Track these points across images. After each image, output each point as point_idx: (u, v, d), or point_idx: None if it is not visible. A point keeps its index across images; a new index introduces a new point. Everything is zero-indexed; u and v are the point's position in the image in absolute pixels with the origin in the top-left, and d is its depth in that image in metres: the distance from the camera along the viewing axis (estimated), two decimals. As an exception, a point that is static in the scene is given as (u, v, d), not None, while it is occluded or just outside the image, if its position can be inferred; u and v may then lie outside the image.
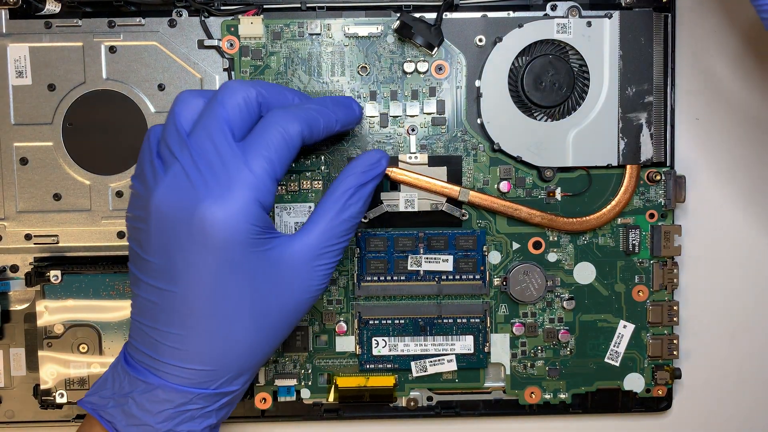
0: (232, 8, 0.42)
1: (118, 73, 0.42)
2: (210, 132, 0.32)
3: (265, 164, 0.32)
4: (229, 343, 0.33)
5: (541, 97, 0.41)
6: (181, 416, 0.34)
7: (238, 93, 0.34)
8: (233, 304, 0.33)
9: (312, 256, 0.35)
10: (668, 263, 0.43)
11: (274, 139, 0.33)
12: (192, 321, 0.33)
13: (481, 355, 0.43)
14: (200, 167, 0.32)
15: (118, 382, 0.35)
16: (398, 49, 0.42)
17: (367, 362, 0.43)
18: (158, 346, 0.33)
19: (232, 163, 0.32)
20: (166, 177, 0.32)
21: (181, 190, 0.32)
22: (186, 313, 0.33)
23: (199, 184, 0.32)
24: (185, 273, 0.32)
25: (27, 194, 0.42)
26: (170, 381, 0.33)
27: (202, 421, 0.34)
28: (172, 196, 0.32)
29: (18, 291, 0.43)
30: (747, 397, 0.46)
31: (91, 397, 0.35)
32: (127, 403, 0.34)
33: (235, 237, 0.32)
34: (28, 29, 0.41)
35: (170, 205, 0.32)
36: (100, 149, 0.42)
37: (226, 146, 0.32)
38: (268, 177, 0.32)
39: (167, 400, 0.33)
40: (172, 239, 0.32)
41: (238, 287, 0.33)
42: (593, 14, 0.42)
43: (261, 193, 0.32)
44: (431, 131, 0.43)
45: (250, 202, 0.32)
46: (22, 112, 0.42)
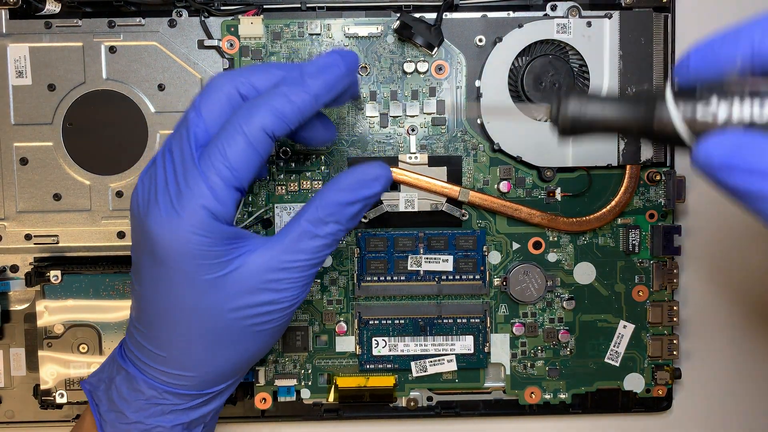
0: (232, 8, 0.42)
1: (118, 73, 0.42)
2: (178, 138, 0.32)
3: (220, 173, 0.30)
4: (191, 353, 0.33)
5: (541, 97, 0.41)
6: (151, 408, 0.34)
7: (218, 90, 0.32)
8: (187, 316, 0.32)
9: (271, 269, 0.32)
10: (668, 263, 0.43)
11: (232, 143, 0.30)
12: (155, 326, 0.33)
13: (481, 355, 0.43)
14: (159, 176, 0.31)
15: (111, 367, 0.36)
16: (398, 49, 0.42)
17: (367, 362, 0.43)
18: (137, 343, 0.34)
19: (189, 174, 0.30)
20: (142, 176, 0.33)
21: (143, 196, 0.32)
22: (150, 318, 0.33)
23: (153, 194, 0.31)
24: (144, 279, 0.32)
25: (27, 194, 0.42)
26: (142, 373, 0.34)
27: (172, 418, 0.34)
28: (138, 199, 0.32)
29: (18, 291, 0.43)
30: (747, 397, 0.46)
31: (92, 378, 0.36)
32: (111, 389, 0.34)
33: (183, 251, 0.30)
34: (28, 29, 0.41)
35: (134, 207, 0.32)
36: (100, 149, 0.42)
37: (188, 155, 0.31)
38: (225, 186, 0.30)
39: (140, 391, 0.34)
40: (135, 243, 0.33)
41: (191, 299, 0.32)
42: (593, 14, 0.42)
43: (216, 204, 0.30)
44: (431, 131, 0.43)
45: (200, 215, 0.30)
46: (22, 112, 0.42)
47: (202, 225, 0.30)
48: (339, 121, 0.42)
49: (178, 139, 0.32)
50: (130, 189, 0.42)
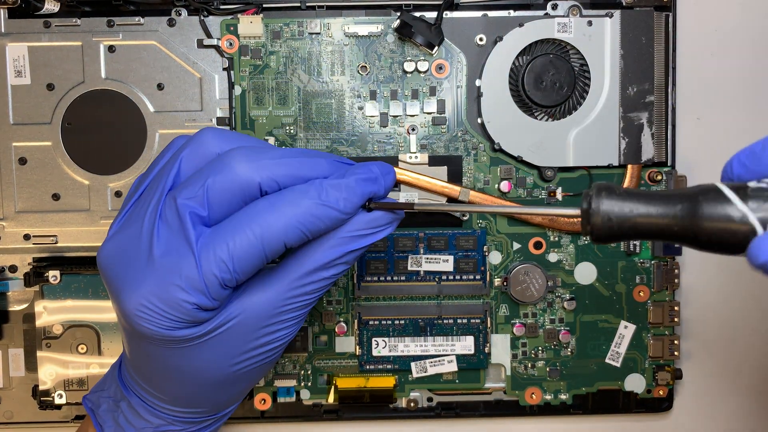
0: (231, 7, 0.42)
1: (117, 73, 0.42)
2: (174, 211, 0.28)
3: (221, 274, 0.27)
4: (195, 399, 0.32)
5: (541, 97, 0.41)
6: None
7: (234, 178, 0.27)
8: (186, 377, 0.31)
9: (270, 315, 0.30)
10: (669, 264, 0.43)
11: (245, 246, 0.27)
12: (154, 382, 0.32)
13: (481, 356, 0.43)
14: (143, 244, 0.28)
15: (113, 387, 0.35)
16: (398, 49, 0.42)
17: (367, 363, 0.43)
18: (133, 378, 0.33)
19: (185, 262, 0.27)
20: (120, 234, 0.29)
21: (120, 260, 0.28)
22: (148, 375, 0.32)
23: (132, 267, 0.28)
24: (131, 348, 0.31)
25: (26, 194, 0.42)
26: (147, 404, 0.33)
27: None
28: (111, 265, 0.29)
29: (17, 291, 0.43)
30: (748, 398, 0.46)
31: (93, 395, 0.36)
32: (117, 412, 0.34)
33: (167, 337, 0.28)
34: (26, 29, 0.41)
35: (108, 269, 0.29)
36: (99, 149, 0.42)
37: (183, 238, 0.27)
38: (217, 285, 0.27)
39: (146, 419, 0.33)
40: (112, 302, 0.30)
41: (187, 363, 0.30)
42: (594, 13, 0.41)
43: (207, 301, 0.28)
44: (431, 131, 0.42)
45: (187, 309, 0.27)
46: (20, 112, 0.42)
47: (187, 315, 0.28)
48: (339, 119, 0.42)
49: (174, 212, 0.28)
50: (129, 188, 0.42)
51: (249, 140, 0.30)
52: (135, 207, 0.30)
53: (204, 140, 0.29)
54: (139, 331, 0.28)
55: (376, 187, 0.29)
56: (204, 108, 0.42)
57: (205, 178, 0.28)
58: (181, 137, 0.31)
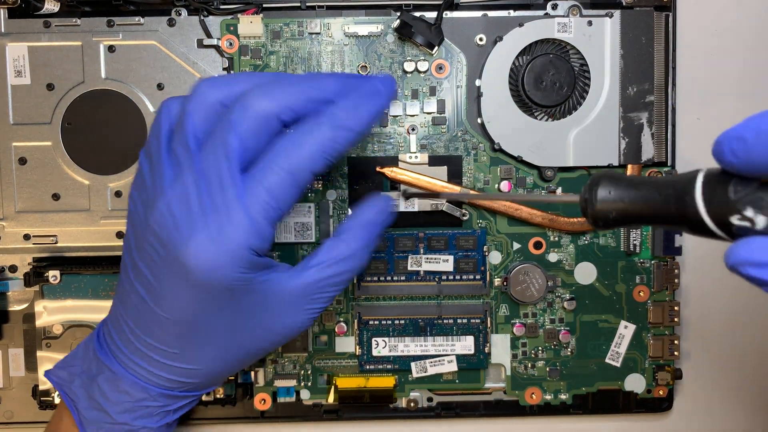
0: (231, 7, 0.42)
1: (117, 73, 0.42)
2: (218, 159, 0.30)
3: (266, 212, 0.30)
4: (198, 364, 0.33)
5: (541, 97, 0.41)
6: (139, 411, 0.33)
7: (258, 116, 0.30)
8: (208, 335, 0.32)
9: (303, 298, 0.33)
10: (669, 263, 0.43)
11: (279, 182, 0.29)
12: (167, 339, 0.32)
13: (481, 356, 0.43)
14: (198, 199, 0.29)
15: (87, 361, 0.34)
16: (398, 49, 0.42)
17: (367, 363, 0.43)
18: (130, 343, 0.33)
19: (232, 204, 0.29)
20: (167, 192, 0.30)
21: (175, 217, 0.30)
22: (162, 330, 0.32)
23: (188, 221, 0.29)
24: (166, 296, 0.31)
25: (26, 194, 0.42)
26: (134, 375, 0.33)
27: (159, 419, 0.34)
28: (166, 220, 0.30)
29: (17, 291, 0.43)
30: (748, 398, 0.46)
31: (60, 371, 0.35)
32: (92, 386, 0.33)
33: (218, 281, 0.30)
34: (26, 29, 0.41)
35: (162, 227, 0.30)
36: (99, 149, 0.42)
37: (230, 181, 0.29)
38: (266, 223, 0.30)
39: (127, 393, 0.33)
40: (158, 260, 0.31)
41: (215, 322, 0.32)
42: (594, 13, 0.41)
43: (256, 239, 0.30)
44: (431, 131, 0.42)
45: (241, 248, 0.29)
46: (20, 112, 0.42)
47: (244, 261, 0.30)
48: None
49: (216, 163, 0.30)
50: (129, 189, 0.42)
51: (246, 77, 0.32)
52: (164, 168, 0.31)
53: (203, 91, 0.31)
54: (202, 277, 0.29)
55: (381, 100, 0.32)
56: (204, 108, 0.42)
57: (232, 127, 0.29)
58: (171, 99, 0.33)
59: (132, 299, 0.32)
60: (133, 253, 0.32)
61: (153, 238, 0.30)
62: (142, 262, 0.32)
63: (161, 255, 0.30)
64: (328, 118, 0.30)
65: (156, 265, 0.31)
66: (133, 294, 0.32)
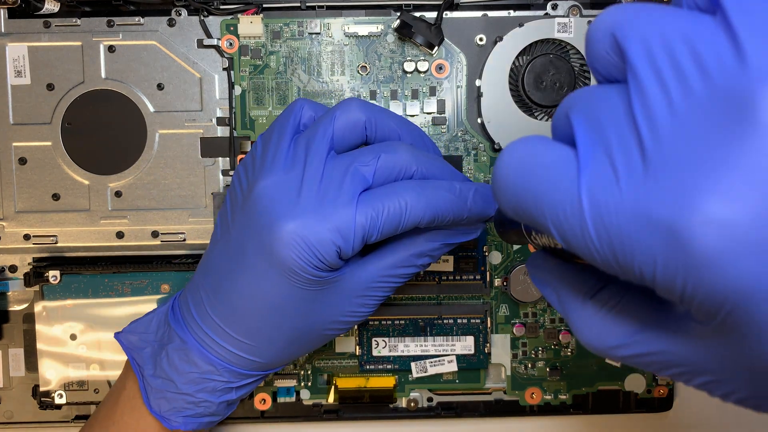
0: (231, 7, 0.42)
1: (117, 73, 0.42)
2: (348, 170, 0.32)
3: (368, 230, 0.31)
4: (265, 342, 0.34)
5: (541, 97, 0.41)
6: (203, 383, 0.34)
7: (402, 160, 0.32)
8: (282, 317, 0.33)
9: (367, 289, 0.34)
10: (669, 263, 0.43)
11: (392, 219, 0.31)
12: (239, 312, 0.33)
13: (481, 356, 0.43)
14: (313, 189, 0.31)
15: (160, 330, 0.35)
16: (398, 49, 0.42)
17: (367, 363, 0.43)
18: (206, 315, 0.34)
19: (343, 204, 0.31)
20: (283, 174, 0.32)
21: (283, 200, 0.31)
22: (236, 303, 0.33)
23: (296, 203, 0.31)
24: (245, 269, 0.32)
25: (26, 194, 0.42)
26: (204, 347, 0.34)
27: (221, 394, 0.35)
28: (273, 198, 0.31)
29: (17, 291, 0.43)
30: (748, 398, 0.46)
31: (130, 335, 0.36)
32: (160, 354, 0.34)
33: (302, 271, 0.31)
34: (26, 29, 0.41)
35: (265, 203, 0.31)
36: (99, 149, 0.42)
37: (350, 188, 0.31)
38: (361, 240, 0.31)
39: (195, 363, 0.34)
40: (249, 233, 0.32)
41: (288, 305, 0.33)
42: (594, 13, 0.41)
43: (347, 249, 0.31)
44: (431, 131, 0.42)
45: (332, 250, 0.31)
46: (20, 112, 0.42)
47: (328, 257, 0.31)
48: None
49: (344, 170, 0.31)
50: (129, 189, 0.42)
51: (396, 120, 0.35)
52: (285, 155, 0.33)
53: (352, 108, 0.33)
54: (286, 261, 0.31)
55: (493, 206, 0.34)
56: (204, 108, 0.42)
57: (378, 153, 0.32)
58: (305, 99, 0.35)
59: (216, 271, 0.34)
60: (229, 225, 0.34)
61: (251, 210, 0.32)
62: (235, 234, 0.33)
63: (255, 229, 0.32)
64: (458, 187, 0.33)
65: (247, 238, 0.32)
66: (218, 266, 0.34)
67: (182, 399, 0.34)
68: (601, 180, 0.18)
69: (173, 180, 0.42)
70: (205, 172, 0.42)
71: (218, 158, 0.42)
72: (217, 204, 0.42)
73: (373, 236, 0.31)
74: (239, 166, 0.35)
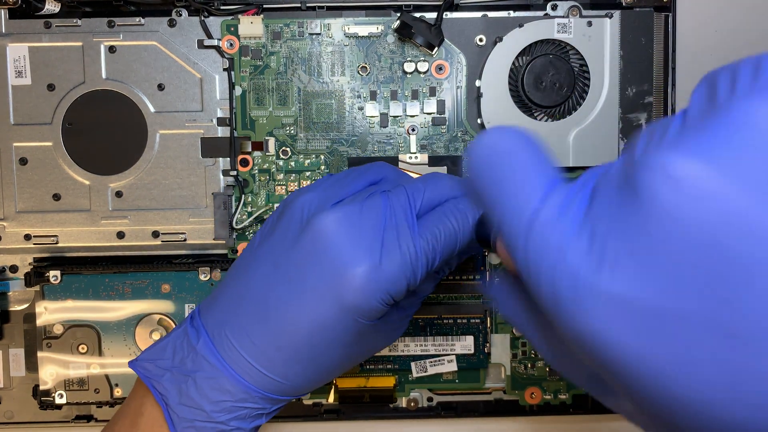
0: (231, 8, 0.42)
1: (118, 73, 0.42)
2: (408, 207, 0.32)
3: (429, 255, 0.31)
4: (310, 372, 0.33)
5: (541, 97, 0.41)
6: (238, 411, 0.33)
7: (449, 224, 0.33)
8: (331, 349, 0.32)
9: (397, 321, 0.35)
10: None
11: (448, 235, 0.32)
12: (290, 341, 0.32)
13: (481, 356, 0.43)
14: (390, 229, 0.31)
15: (180, 354, 0.33)
16: (398, 49, 0.42)
17: (367, 362, 0.43)
18: (247, 342, 0.32)
19: (405, 244, 0.31)
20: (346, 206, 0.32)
21: (348, 233, 0.31)
22: (288, 332, 0.32)
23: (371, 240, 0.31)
24: (305, 302, 0.31)
25: (26, 194, 0.42)
26: (240, 376, 0.32)
27: (252, 420, 0.34)
28: (343, 228, 0.31)
29: (17, 291, 0.43)
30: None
31: (147, 363, 0.34)
32: (186, 382, 0.32)
33: (372, 311, 0.31)
34: (27, 29, 0.41)
35: (331, 238, 0.31)
36: (100, 149, 0.42)
37: (409, 230, 0.32)
38: (426, 267, 0.32)
39: (230, 392, 0.32)
40: (310, 264, 0.31)
41: (344, 338, 0.32)
42: (594, 14, 0.42)
43: (415, 279, 0.31)
44: (431, 131, 0.43)
45: (404, 286, 0.31)
46: (21, 112, 0.42)
47: (400, 294, 0.31)
48: (339, 119, 0.42)
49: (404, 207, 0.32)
50: (130, 189, 0.42)
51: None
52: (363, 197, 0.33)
53: (443, 185, 0.34)
54: (356, 303, 0.31)
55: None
56: (204, 108, 0.42)
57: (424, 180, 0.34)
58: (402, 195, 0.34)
59: (261, 297, 0.33)
60: (277, 248, 0.33)
61: (313, 242, 0.31)
62: (288, 262, 0.32)
63: (317, 263, 0.31)
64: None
65: (308, 270, 0.31)
66: (265, 293, 0.32)
67: (213, 428, 0.33)
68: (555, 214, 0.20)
69: (174, 180, 0.42)
70: (205, 172, 0.42)
71: (219, 158, 0.42)
72: (217, 204, 0.42)
73: (436, 261, 0.32)
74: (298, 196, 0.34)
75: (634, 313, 0.17)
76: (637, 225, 0.17)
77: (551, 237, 0.19)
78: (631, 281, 0.17)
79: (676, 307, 0.16)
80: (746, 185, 0.15)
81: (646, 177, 0.17)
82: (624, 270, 0.17)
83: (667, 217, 0.16)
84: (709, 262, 0.16)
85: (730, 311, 0.16)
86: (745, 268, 0.15)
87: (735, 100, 0.17)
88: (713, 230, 0.16)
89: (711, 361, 0.16)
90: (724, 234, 0.15)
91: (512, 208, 0.21)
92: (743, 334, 0.15)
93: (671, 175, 0.16)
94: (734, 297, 0.15)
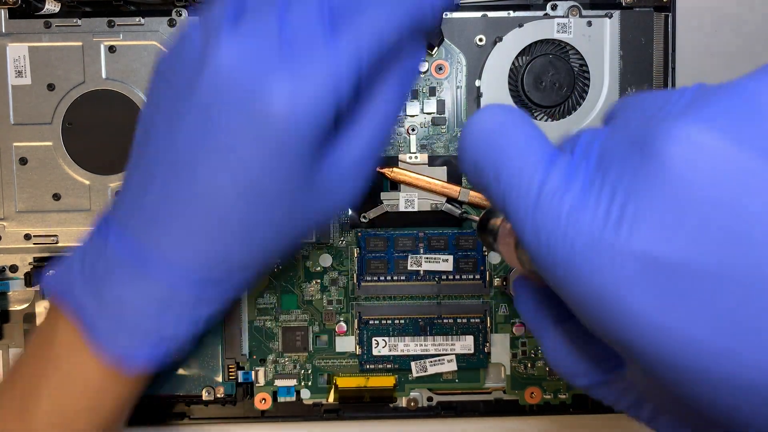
0: (231, 8, 0.42)
1: (118, 73, 0.42)
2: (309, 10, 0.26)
3: (354, 54, 0.26)
4: (234, 243, 0.28)
5: (541, 97, 0.41)
6: (168, 300, 0.28)
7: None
8: (259, 203, 0.27)
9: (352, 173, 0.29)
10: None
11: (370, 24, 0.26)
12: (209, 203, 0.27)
13: (481, 356, 0.43)
14: (289, 37, 0.26)
15: (90, 258, 0.29)
16: (398, 49, 0.42)
17: (367, 362, 0.43)
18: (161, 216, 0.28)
19: (319, 49, 0.25)
20: (242, 34, 0.26)
21: (253, 58, 0.25)
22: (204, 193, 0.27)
23: (280, 57, 0.25)
24: (215, 150, 0.26)
25: (26, 194, 0.42)
26: (159, 257, 0.28)
27: (188, 326, 0.29)
28: (240, 61, 0.25)
29: (17, 291, 0.43)
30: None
31: (51, 279, 0.30)
32: (101, 286, 0.28)
33: (302, 128, 0.25)
34: (27, 29, 0.41)
35: (233, 71, 0.25)
36: (100, 149, 0.42)
37: (318, 28, 0.26)
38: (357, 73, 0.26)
39: (154, 279, 0.28)
40: (218, 110, 0.26)
41: (272, 188, 0.27)
42: (593, 14, 0.42)
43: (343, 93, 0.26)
44: (431, 131, 0.43)
45: (328, 93, 0.25)
46: (21, 112, 0.42)
47: (332, 108, 0.26)
48: (339, 120, 0.42)
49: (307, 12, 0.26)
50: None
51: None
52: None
53: None
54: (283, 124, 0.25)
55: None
56: (204, 108, 0.42)
57: None
58: None
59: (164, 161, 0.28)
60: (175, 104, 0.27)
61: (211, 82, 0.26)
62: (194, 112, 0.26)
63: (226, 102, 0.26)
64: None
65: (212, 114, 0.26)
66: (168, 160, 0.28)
67: (143, 327, 0.28)
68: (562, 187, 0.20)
69: (174, 180, 0.42)
70: (205, 172, 0.42)
71: (218, 158, 0.42)
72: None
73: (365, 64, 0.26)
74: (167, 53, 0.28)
75: (658, 269, 0.17)
76: (659, 187, 0.17)
77: (562, 205, 0.19)
78: (654, 239, 0.17)
79: (702, 262, 0.17)
80: (762, 151, 0.16)
81: (668, 143, 0.17)
82: (647, 228, 0.17)
83: (689, 181, 0.17)
84: (734, 222, 0.16)
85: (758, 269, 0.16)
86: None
87: (755, 72, 0.17)
88: (734, 193, 0.16)
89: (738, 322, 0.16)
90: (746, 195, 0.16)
91: (516, 184, 0.20)
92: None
93: (695, 142, 0.17)
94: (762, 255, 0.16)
